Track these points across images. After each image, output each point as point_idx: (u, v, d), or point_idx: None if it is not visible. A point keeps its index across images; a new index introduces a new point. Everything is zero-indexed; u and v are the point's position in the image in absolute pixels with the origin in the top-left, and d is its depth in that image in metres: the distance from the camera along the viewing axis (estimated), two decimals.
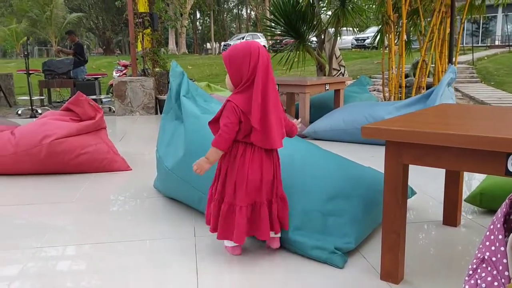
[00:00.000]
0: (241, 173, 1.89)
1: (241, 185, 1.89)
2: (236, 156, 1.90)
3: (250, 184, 1.88)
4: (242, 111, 1.83)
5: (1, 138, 3.54)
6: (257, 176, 1.89)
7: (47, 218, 2.62)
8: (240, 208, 1.89)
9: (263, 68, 1.84)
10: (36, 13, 28.57)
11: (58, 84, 8.58)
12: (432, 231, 2.36)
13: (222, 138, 1.85)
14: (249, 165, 1.88)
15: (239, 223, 1.89)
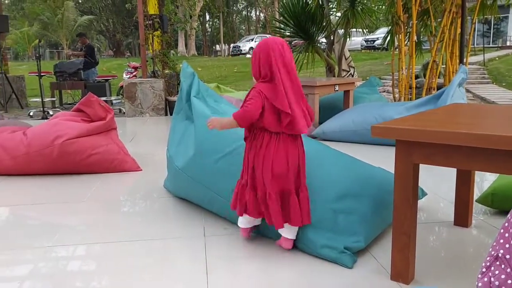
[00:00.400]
0: (267, 162, 1.94)
1: (267, 173, 1.94)
2: (262, 145, 1.96)
3: (276, 172, 1.94)
4: (266, 96, 1.91)
5: (14, 138, 3.58)
6: (284, 165, 1.95)
7: (58, 217, 2.65)
8: (270, 194, 1.95)
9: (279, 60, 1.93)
10: (47, 16, 28.86)
11: (69, 86, 8.66)
12: (443, 232, 2.34)
13: (244, 112, 1.92)
14: (274, 154, 1.94)
15: (274, 208, 1.95)
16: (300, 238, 2.07)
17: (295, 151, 1.98)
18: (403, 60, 6.59)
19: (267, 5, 39.09)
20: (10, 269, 1.99)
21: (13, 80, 8.98)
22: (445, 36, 6.46)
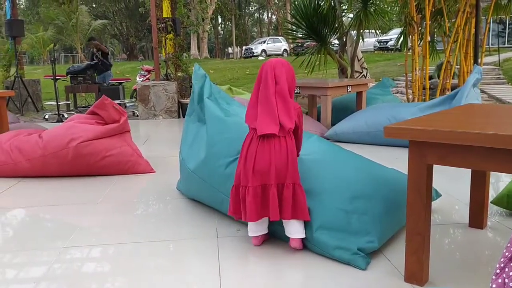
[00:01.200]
0: (250, 156, 2.04)
1: (249, 166, 2.02)
2: (247, 140, 2.10)
3: (258, 166, 2.01)
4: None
5: (29, 141, 3.64)
6: (265, 162, 2.01)
7: (73, 218, 2.68)
8: (248, 188, 2.01)
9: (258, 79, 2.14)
10: (62, 20, 29.23)
11: (84, 89, 8.77)
12: (458, 234, 2.32)
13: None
14: (257, 149, 2.03)
15: (249, 201, 2.01)
16: (313, 239, 2.06)
17: (281, 149, 2.02)
18: (416, 61, 6.54)
19: (279, 7, 39.11)
20: (26, 270, 2.01)
21: (29, 84, 9.12)
22: (459, 36, 6.40)
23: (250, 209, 2.01)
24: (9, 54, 9.17)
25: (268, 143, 2.03)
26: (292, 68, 2.15)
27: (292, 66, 2.17)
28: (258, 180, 2.02)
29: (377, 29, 7.71)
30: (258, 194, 2.02)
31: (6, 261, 2.10)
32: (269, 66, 2.11)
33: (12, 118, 5.47)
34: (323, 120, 5.28)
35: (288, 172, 2.02)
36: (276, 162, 2.02)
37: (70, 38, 29.86)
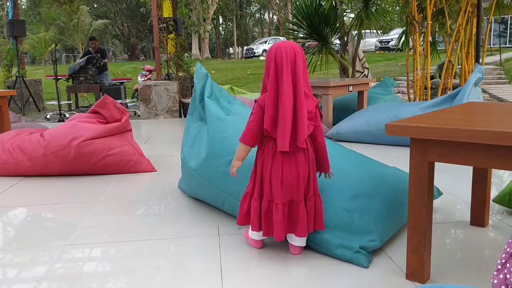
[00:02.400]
0: (276, 171, 1.90)
1: (276, 182, 1.90)
2: (270, 153, 1.92)
3: (286, 181, 1.90)
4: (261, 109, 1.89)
5: (31, 140, 3.64)
6: (293, 173, 1.91)
7: (75, 217, 2.69)
8: (276, 205, 1.91)
9: (274, 68, 1.85)
10: (63, 20, 29.27)
11: (85, 89, 8.77)
12: (459, 232, 2.32)
13: (246, 133, 1.92)
14: (283, 162, 1.90)
15: (277, 220, 1.91)
16: (315, 238, 2.06)
17: (304, 160, 1.93)
18: (417, 61, 6.53)
19: (280, 7, 39.12)
20: (27, 269, 2.01)
21: (30, 83, 9.13)
22: (460, 36, 6.39)
23: (278, 227, 1.91)
24: (11, 54, 9.19)
25: (294, 156, 1.90)
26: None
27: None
28: (286, 196, 1.92)
29: (378, 29, 7.71)
30: (286, 211, 1.93)
31: (7, 261, 2.10)
32: (290, 52, 1.84)
33: (14, 118, 5.48)
34: (324, 119, 5.28)
35: (310, 184, 1.97)
36: (303, 175, 1.93)
37: (72, 38, 29.89)
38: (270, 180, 1.91)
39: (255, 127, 1.90)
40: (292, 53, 1.85)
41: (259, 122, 1.89)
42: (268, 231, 1.96)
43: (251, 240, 2.13)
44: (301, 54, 1.87)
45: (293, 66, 1.85)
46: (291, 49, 1.86)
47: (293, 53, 1.85)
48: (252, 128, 1.90)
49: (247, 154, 1.96)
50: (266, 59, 1.90)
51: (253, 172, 2.01)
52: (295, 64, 1.85)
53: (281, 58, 1.84)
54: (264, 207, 1.94)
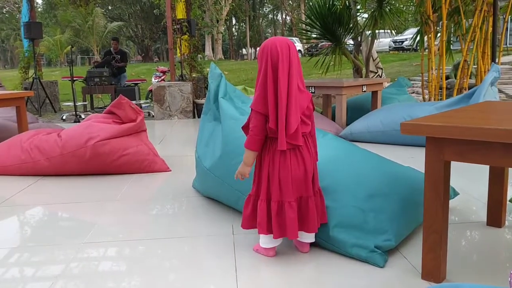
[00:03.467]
0: (284, 169, 1.89)
1: (286, 180, 1.89)
2: (275, 153, 1.90)
3: (295, 178, 1.90)
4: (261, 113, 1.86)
5: (49, 140, 3.70)
6: (301, 169, 1.91)
7: (91, 216, 2.72)
8: (289, 203, 1.90)
9: (271, 65, 1.83)
10: (78, 23, 29.63)
11: (100, 90, 8.87)
12: (475, 232, 2.30)
13: (251, 139, 1.90)
14: (291, 160, 1.89)
15: (291, 218, 1.89)
16: (329, 238, 2.06)
17: (309, 156, 1.93)
18: (433, 60, 6.47)
19: (293, 8, 39.07)
20: (44, 268, 2.04)
21: (47, 85, 9.27)
22: (476, 35, 6.32)
23: (292, 226, 1.89)
24: (28, 56, 9.33)
25: (299, 152, 1.90)
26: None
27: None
28: (295, 193, 1.91)
29: (392, 29, 7.66)
30: (296, 208, 1.91)
31: (24, 259, 2.14)
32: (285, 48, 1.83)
33: (31, 118, 5.57)
34: (338, 119, 5.27)
35: (315, 179, 1.97)
36: (310, 170, 1.92)
37: (87, 40, 30.23)
38: (279, 179, 1.90)
39: (258, 132, 1.88)
40: (286, 48, 1.84)
41: (262, 126, 1.87)
42: (280, 232, 1.92)
43: (262, 250, 2.07)
44: (293, 48, 1.86)
45: (288, 63, 1.83)
46: (285, 45, 1.84)
47: (287, 48, 1.84)
48: (256, 133, 1.88)
49: (255, 158, 1.96)
50: (261, 56, 1.86)
51: (256, 174, 1.98)
52: (290, 61, 1.83)
53: (277, 54, 1.82)
54: (274, 208, 1.91)
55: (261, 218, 1.94)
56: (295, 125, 1.83)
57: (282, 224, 1.92)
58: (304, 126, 1.90)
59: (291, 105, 1.82)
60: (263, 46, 1.88)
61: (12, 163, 3.71)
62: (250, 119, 1.92)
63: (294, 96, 1.83)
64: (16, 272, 1.99)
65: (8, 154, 3.76)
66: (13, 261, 2.10)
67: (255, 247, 2.12)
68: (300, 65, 1.91)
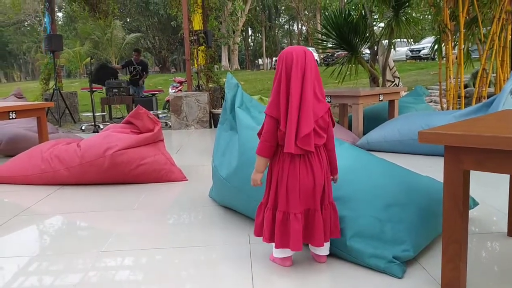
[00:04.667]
0: (292, 179, 1.88)
1: (294, 191, 1.88)
2: (285, 161, 1.90)
3: (303, 189, 1.88)
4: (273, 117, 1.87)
5: (68, 150, 3.76)
6: (310, 181, 1.89)
7: (109, 225, 2.75)
8: (295, 215, 1.89)
9: (285, 72, 1.85)
10: (98, 35, 30.21)
11: (118, 101, 9.01)
12: (496, 243, 2.25)
13: (263, 145, 1.90)
14: (300, 170, 1.88)
15: (295, 230, 1.88)
16: (347, 248, 2.04)
17: (319, 167, 1.91)
18: (450, 69, 6.41)
19: (309, 18, 39.18)
20: (62, 277, 2.07)
21: (67, 96, 9.44)
22: (494, 43, 6.24)
23: (296, 238, 1.87)
24: (49, 67, 9.53)
25: (309, 163, 1.88)
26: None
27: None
28: (303, 204, 1.90)
29: (409, 38, 7.62)
30: (302, 220, 1.90)
31: (43, 268, 2.16)
32: (301, 56, 1.84)
33: (51, 129, 5.67)
34: (354, 129, 5.24)
35: (325, 192, 1.95)
36: (319, 183, 1.90)
37: (105, 52, 30.75)
38: (286, 188, 1.89)
39: (269, 138, 1.88)
40: (302, 55, 1.85)
41: (273, 132, 1.87)
42: (282, 242, 1.91)
43: (278, 260, 2.06)
44: (310, 55, 1.87)
45: (303, 69, 1.84)
46: (302, 52, 1.86)
47: (303, 55, 1.85)
48: (267, 139, 1.88)
49: (266, 165, 1.96)
50: (278, 63, 1.89)
51: (267, 182, 1.98)
52: (305, 67, 1.84)
53: (291, 60, 1.84)
54: (278, 218, 1.90)
55: (266, 226, 1.94)
56: (306, 129, 1.82)
57: (286, 235, 1.90)
58: (317, 138, 1.88)
59: (304, 109, 1.82)
60: (281, 53, 1.91)
61: (32, 173, 3.78)
62: (264, 125, 1.93)
63: (308, 101, 1.83)
64: (35, 280, 2.01)
65: (29, 163, 3.83)
66: (33, 269, 2.14)
67: (272, 257, 2.11)
68: (319, 74, 1.91)
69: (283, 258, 2.03)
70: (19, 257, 2.29)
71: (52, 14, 9.70)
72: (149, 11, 34.31)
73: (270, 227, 1.94)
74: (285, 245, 1.92)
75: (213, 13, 9.54)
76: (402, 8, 7.14)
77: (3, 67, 49.14)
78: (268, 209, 1.95)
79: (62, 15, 37.24)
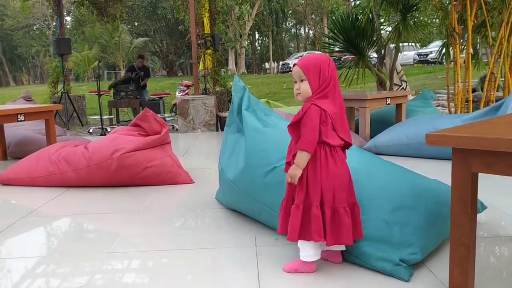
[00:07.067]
0: (337, 174, 1.89)
1: (339, 185, 1.88)
2: (326, 158, 1.89)
3: (345, 183, 1.91)
4: (329, 114, 1.87)
5: (76, 152, 3.78)
6: (348, 175, 1.94)
7: (116, 227, 2.76)
8: (345, 208, 1.88)
9: (336, 75, 1.99)
10: (105, 39, 30.45)
11: (126, 104, 9.06)
12: (504, 248, 2.23)
13: (310, 141, 1.86)
14: (339, 165, 1.91)
15: (347, 223, 1.87)
16: (353, 251, 2.03)
17: (347, 164, 1.96)
18: (458, 73, 6.38)
19: (316, 22, 39.21)
20: (69, 279, 2.07)
21: (75, 99, 9.51)
22: (503, 47, 6.21)
23: (349, 231, 1.87)
24: (57, 71, 9.60)
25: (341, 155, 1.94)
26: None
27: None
28: (347, 198, 1.91)
29: (416, 42, 7.59)
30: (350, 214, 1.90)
31: (51, 270, 2.16)
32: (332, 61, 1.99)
33: (59, 131, 5.71)
34: (361, 132, 5.23)
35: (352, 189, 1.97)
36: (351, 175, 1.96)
37: (113, 56, 30.95)
38: (333, 184, 1.88)
39: (316, 134, 1.86)
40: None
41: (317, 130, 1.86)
42: (335, 238, 1.88)
43: (304, 267, 1.99)
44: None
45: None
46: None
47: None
48: (315, 135, 1.86)
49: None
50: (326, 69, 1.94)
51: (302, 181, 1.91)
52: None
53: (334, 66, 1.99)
54: (328, 215, 1.87)
55: (316, 224, 1.87)
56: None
57: (337, 230, 1.87)
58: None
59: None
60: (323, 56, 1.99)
61: (40, 175, 3.81)
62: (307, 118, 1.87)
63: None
64: (42, 282, 2.02)
65: (37, 165, 3.86)
66: (40, 271, 2.14)
67: (291, 267, 2.02)
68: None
69: (310, 262, 1.99)
70: (27, 259, 2.30)
71: (60, 17, 9.78)
72: (157, 15, 34.52)
73: (321, 224, 1.87)
74: (338, 241, 1.88)
75: (220, 17, 9.58)
76: (410, 12, 7.13)
77: (12, 71, 49.61)
78: (316, 206, 1.88)
79: (71, 19, 37.56)
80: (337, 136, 1.90)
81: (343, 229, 1.87)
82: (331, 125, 1.88)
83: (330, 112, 1.88)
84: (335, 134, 1.90)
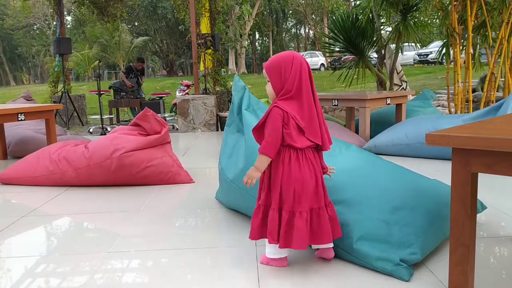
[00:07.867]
0: (298, 178, 1.86)
1: (300, 190, 1.86)
2: (288, 162, 1.87)
3: (308, 188, 1.87)
4: (291, 115, 1.83)
5: (76, 151, 3.78)
6: (313, 180, 1.88)
7: (115, 227, 2.76)
8: (300, 213, 1.87)
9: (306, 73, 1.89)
10: (106, 39, 30.46)
11: (126, 103, 9.06)
12: (504, 248, 2.23)
13: (270, 144, 1.84)
14: (304, 170, 1.87)
15: (300, 228, 1.85)
16: (353, 250, 2.03)
17: (319, 166, 1.93)
18: (458, 73, 6.38)
19: (316, 22, 39.21)
20: (69, 279, 2.07)
21: (75, 99, 9.51)
22: (503, 47, 6.21)
23: (300, 236, 1.85)
24: (57, 70, 9.60)
25: (309, 157, 1.89)
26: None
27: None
28: (308, 203, 1.88)
29: (417, 42, 7.59)
30: (309, 219, 1.88)
31: (50, 269, 2.16)
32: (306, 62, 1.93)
33: (59, 131, 5.71)
34: (361, 132, 5.23)
35: (325, 191, 1.95)
36: (321, 180, 1.91)
37: (113, 56, 30.95)
38: (293, 189, 1.86)
39: (279, 138, 1.84)
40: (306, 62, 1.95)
41: (281, 132, 1.84)
42: (286, 242, 1.88)
43: (274, 262, 2.03)
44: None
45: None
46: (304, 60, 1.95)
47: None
48: (276, 139, 1.84)
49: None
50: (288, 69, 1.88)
51: (265, 183, 1.93)
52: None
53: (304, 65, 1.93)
54: (285, 218, 1.87)
55: (272, 226, 1.89)
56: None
57: (290, 235, 1.87)
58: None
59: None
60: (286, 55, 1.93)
61: (40, 174, 3.81)
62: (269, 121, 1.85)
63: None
64: (42, 282, 2.02)
65: (37, 164, 3.86)
66: (40, 271, 2.14)
67: (264, 261, 2.07)
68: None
69: (279, 258, 2.02)
70: (26, 258, 2.30)
71: (61, 17, 9.78)
72: (157, 15, 34.53)
73: (277, 227, 1.89)
74: (288, 245, 1.88)
75: (221, 16, 9.58)
76: (410, 12, 7.13)
77: (13, 70, 49.62)
78: (273, 209, 1.89)
79: (71, 18, 37.56)
80: (304, 138, 1.86)
81: (294, 233, 1.85)
82: (296, 127, 1.84)
83: (294, 113, 1.83)
84: (302, 136, 1.86)
